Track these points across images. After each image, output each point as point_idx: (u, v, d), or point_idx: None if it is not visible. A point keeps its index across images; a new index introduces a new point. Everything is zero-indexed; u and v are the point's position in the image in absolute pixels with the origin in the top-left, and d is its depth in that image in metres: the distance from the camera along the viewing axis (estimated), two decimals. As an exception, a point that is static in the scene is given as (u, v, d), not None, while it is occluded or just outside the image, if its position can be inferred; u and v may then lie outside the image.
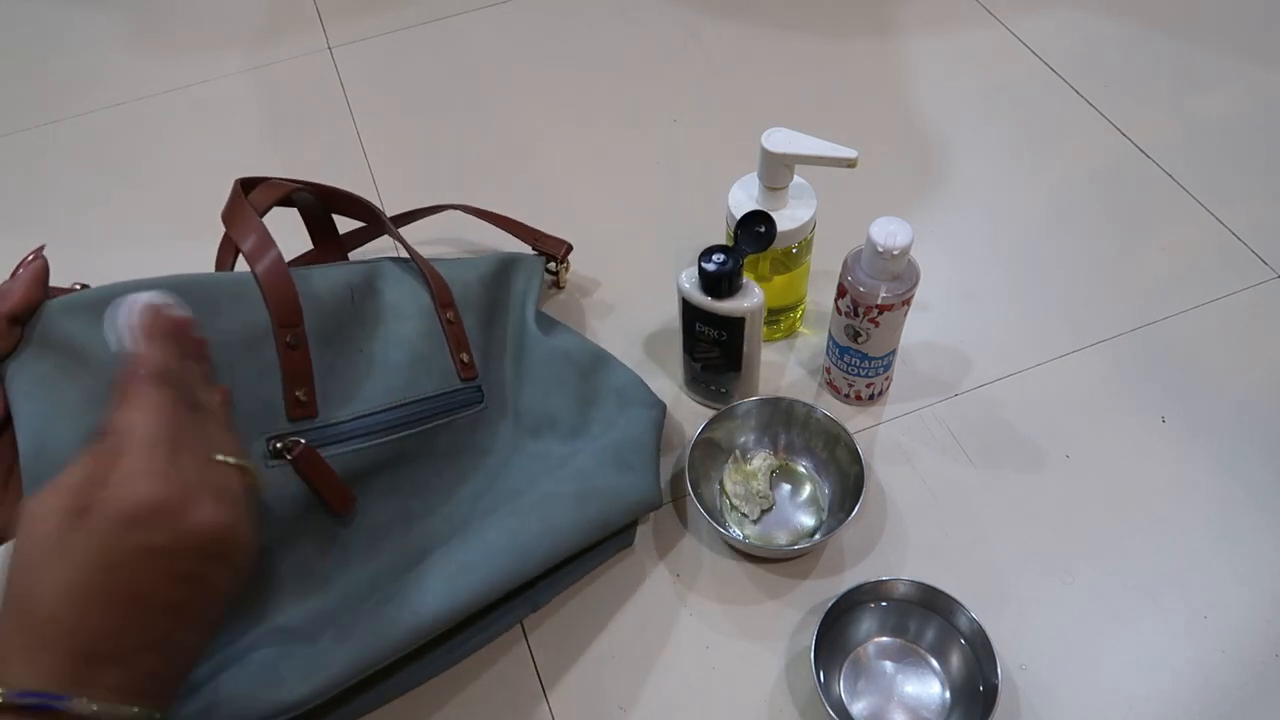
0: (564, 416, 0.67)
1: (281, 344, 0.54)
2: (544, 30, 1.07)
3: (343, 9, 1.11)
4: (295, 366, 0.55)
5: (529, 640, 0.63)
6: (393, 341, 0.61)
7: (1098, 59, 0.99)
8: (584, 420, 0.67)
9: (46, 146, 0.99)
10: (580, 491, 0.61)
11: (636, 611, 0.64)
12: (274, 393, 0.54)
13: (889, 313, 0.64)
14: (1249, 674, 0.59)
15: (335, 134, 0.97)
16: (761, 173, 0.67)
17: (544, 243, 0.78)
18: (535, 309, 0.72)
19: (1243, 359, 0.75)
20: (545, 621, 0.63)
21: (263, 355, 0.54)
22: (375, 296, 0.62)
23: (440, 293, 0.64)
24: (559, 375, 0.68)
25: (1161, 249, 0.82)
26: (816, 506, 0.68)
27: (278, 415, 0.54)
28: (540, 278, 0.75)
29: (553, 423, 0.67)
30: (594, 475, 0.62)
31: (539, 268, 0.75)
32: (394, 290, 0.63)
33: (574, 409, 0.67)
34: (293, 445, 0.53)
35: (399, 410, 0.59)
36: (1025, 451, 0.70)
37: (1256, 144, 0.90)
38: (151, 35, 1.11)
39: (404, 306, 0.62)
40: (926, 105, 0.96)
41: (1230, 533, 0.65)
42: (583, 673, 0.61)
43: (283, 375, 0.54)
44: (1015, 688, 0.59)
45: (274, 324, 0.54)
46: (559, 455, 0.65)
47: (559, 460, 0.64)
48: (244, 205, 0.59)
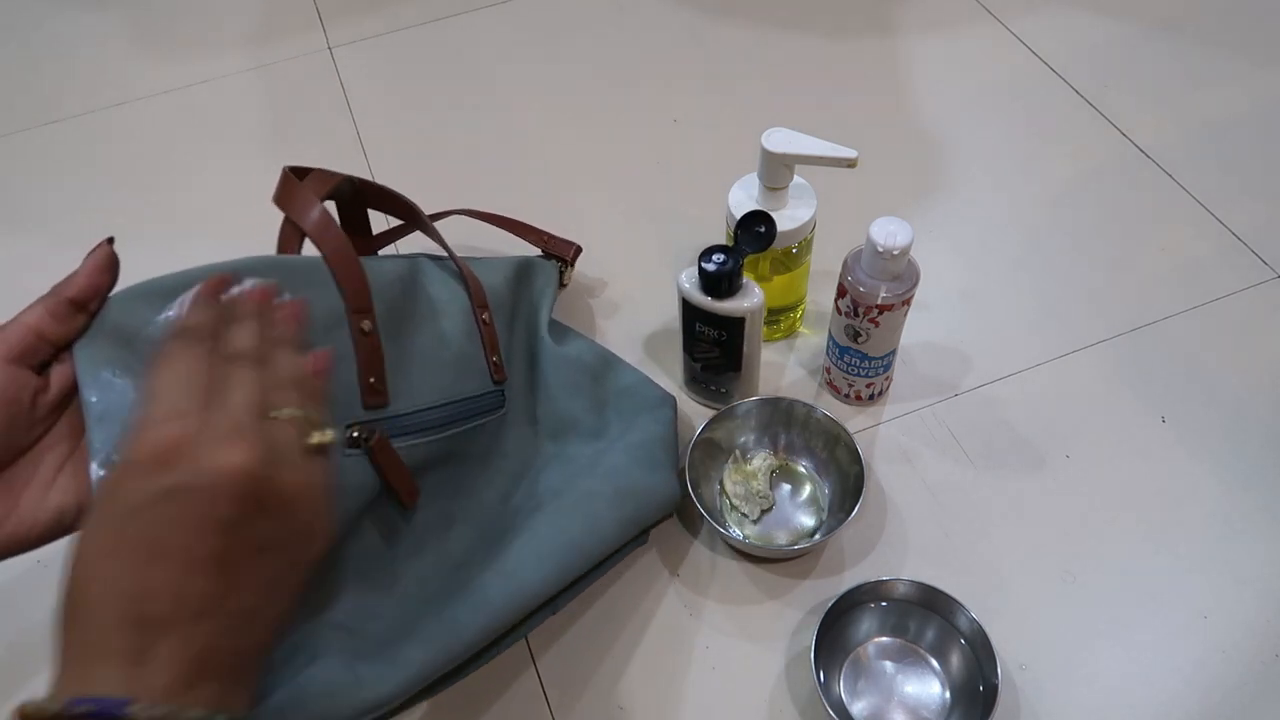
0: (583, 419, 0.67)
1: (356, 329, 0.53)
2: (544, 30, 1.07)
3: (343, 9, 1.11)
4: (370, 353, 0.53)
5: (529, 640, 0.63)
6: (439, 338, 0.60)
7: (1098, 59, 0.99)
8: (602, 421, 0.68)
9: (46, 146, 0.99)
10: (616, 490, 0.61)
11: (636, 611, 0.64)
12: (350, 379, 0.52)
13: (889, 313, 0.64)
14: (1249, 674, 0.59)
15: (335, 134, 0.96)
16: (761, 173, 0.67)
17: (554, 245, 0.78)
18: (549, 315, 0.72)
19: (1243, 359, 0.74)
20: (545, 621, 0.63)
21: (339, 340, 0.52)
22: (419, 291, 0.60)
23: (476, 293, 0.64)
24: (574, 379, 0.68)
25: (1161, 249, 0.82)
26: (816, 506, 0.68)
27: (354, 403, 0.53)
28: (555, 284, 0.75)
29: (574, 425, 0.67)
30: (628, 474, 0.63)
31: (554, 274, 0.75)
32: (435, 287, 0.62)
33: (591, 411, 0.68)
34: (370, 434, 0.52)
35: (446, 409, 0.58)
36: (1025, 451, 0.70)
37: (1256, 144, 0.90)
38: (151, 35, 1.11)
39: (447, 304, 0.61)
40: (926, 105, 0.96)
41: (1230, 533, 0.65)
42: (582, 672, 0.61)
43: (358, 361, 0.53)
44: (1015, 688, 0.59)
45: (348, 309, 0.53)
46: (586, 455, 0.65)
47: (589, 460, 0.65)
48: (299, 186, 0.56)
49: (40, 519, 0.43)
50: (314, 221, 0.54)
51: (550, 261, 0.76)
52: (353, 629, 0.52)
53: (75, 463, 0.44)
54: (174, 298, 0.46)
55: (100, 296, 0.45)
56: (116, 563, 0.36)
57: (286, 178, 0.56)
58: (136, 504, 0.36)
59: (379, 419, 0.53)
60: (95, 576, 0.35)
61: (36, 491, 0.43)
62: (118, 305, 0.46)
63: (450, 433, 0.58)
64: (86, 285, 0.44)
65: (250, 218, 0.90)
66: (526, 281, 0.72)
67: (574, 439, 0.67)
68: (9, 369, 0.42)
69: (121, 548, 0.36)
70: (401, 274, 0.59)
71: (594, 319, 0.80)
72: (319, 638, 0.50)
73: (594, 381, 0.69)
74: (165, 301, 0.46)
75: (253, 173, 0.95)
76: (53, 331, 0.43)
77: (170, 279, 0.47)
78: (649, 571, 0.65)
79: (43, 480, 0.43)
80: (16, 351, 0.42)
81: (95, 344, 0.45)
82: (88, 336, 0.45)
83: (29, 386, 0.43)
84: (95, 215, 0.91)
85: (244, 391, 0.40)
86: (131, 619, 0.35)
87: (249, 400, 0.40)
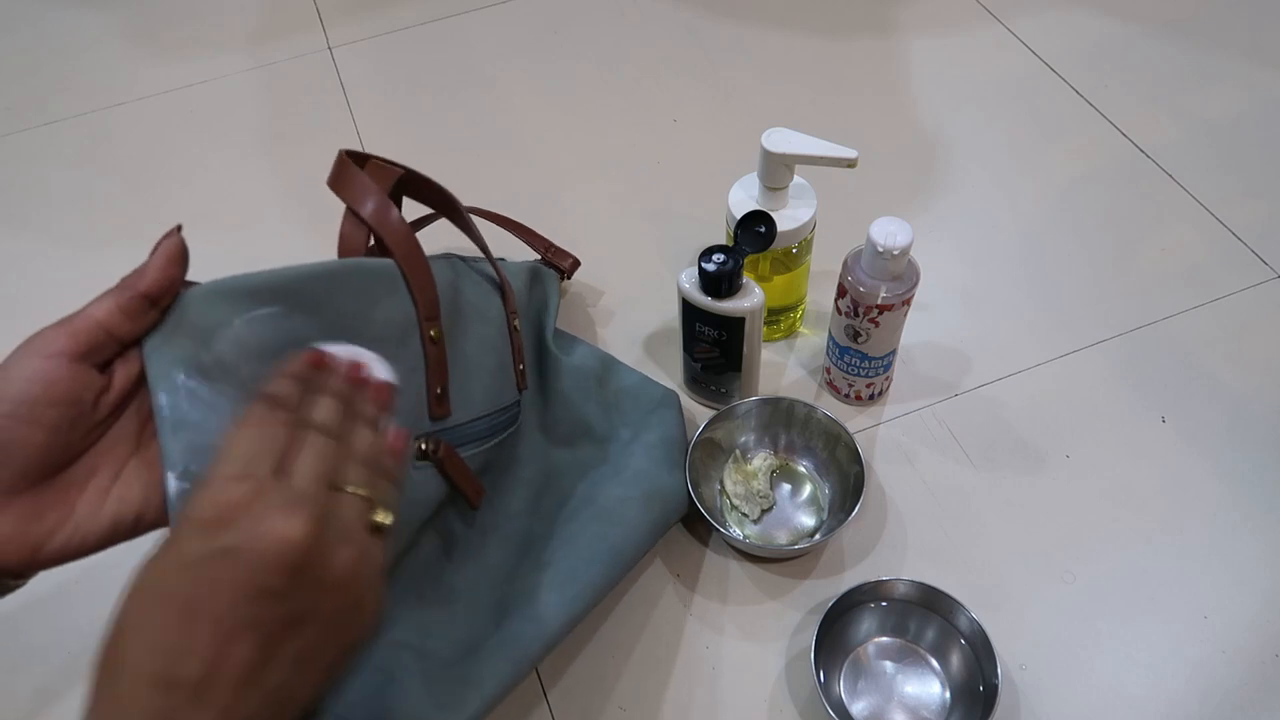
0: (592, 423, 0.67)
1: (426, 338, 0.51)
2: (544, 30, 1.07)
3: (343, 9, 1.11)
4: (438, 362, 0.51)
5: (529, 640, 0.63)
6: (486, 345, 0.58)
7: (1098, 59, 0.99)
8: (609, 424, 0.68)
9: (46, 146, 0.99)
10: (645, 494, 0.62)
11: (637, 611, 0.64)
12: (420, 389, 0.51)
13: (889, 313, 0.64)
14: (1249, 674, 0.59)
15: (335, 134, 0.96)
16: (761, 173, 0.67)
17: (554, 255, 0.78)
18: (554, 323, 0.71)
19: (1243, 359, 0.74)
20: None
21: (412, 348, 0.50)
22: (461, 295, 0.58)
23: (510, 298, 0.62)
24: (581, 385, 0.68)
25: (1161, 249, 0.82)
26: (816, 506, 0.68)
27: (424, 415, 0.51)
28: (558, 293, 0.74)
29: (584, 430, 0.67)
30: (653, 476, 0.63)
31: (557, 283, 0.75)
32: (472, 290, 0.59)
33: (599, 415, 0.68)
34: (436, 445, 0.50)
35: (491, 418, 0.57)
36: (1025, 451, 0.70)
37: (1256, 144, 0.90)
38: (151, 35, 1.11)
39: (486, 309, 0.60)
40: (926, 105, 0.96)
41: (1230, 532, 0.65)
42: (583, 672, 0.61)
43: (426, 371, 0.51)
44: (1015, 688, 0.59)
45: (420, 316, 0.50)
46: (601, 459, 0.66)
47: (609, 465, 0.65)
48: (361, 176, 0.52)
49: (95, 529, 0.41)
50: (391, 224, 0.51)
51: (552, 271, 0.76)
52: (419, 648, 0.51)
53: (134, 468, 0.42)
54: (254, 298, 0.44)
55: (173, 291, 0.42)
56: (157, 617, 0.34)
57: (341, 160, 0.53)
58: (187, 561, 0.35)
59: (442, 429, 0.52)
60: (133, 627, 0.34)
61: (93, 497, 0.41)
62: (194, 303, 0.43)
63: (494, 442, 0.57)
64: (160, 279, 0.42)
65: (250, 217, 0.91)
66: (536, 288, 0.72)
67: (585, 444, 0.67)
68: (74, 367, 0.39)
69: (164, 603, 0.34)
70: (448, 276, 0.56)
71: (594, 319, 0.80)
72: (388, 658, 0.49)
73: (598, 386, 0.69)
74: (244, 301, 0.44)
75: (253, 173, 0.95)
76: (122, 328, 0.41)
77: (251, 279, 0.44)
78: (650, 572, 0.65)
79: (99, 486, 0.41)
80: (84, 349, 0.40)
81: (169, 343, 0.42)
82: (160, 334, 0.42)
83: (93, 386, 0.40)
84: (95, 215, 0.91)
85: (316, 462, 0.39)
86: (164, 679, 0.33)
87: (318, 471, 0.39)
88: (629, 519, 0.60)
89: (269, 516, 0.36)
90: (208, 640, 0.34)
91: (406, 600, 0.52)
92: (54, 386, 0.39)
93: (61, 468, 0.40)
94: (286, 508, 0.36)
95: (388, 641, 0.50)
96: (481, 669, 0.51)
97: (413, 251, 0.51)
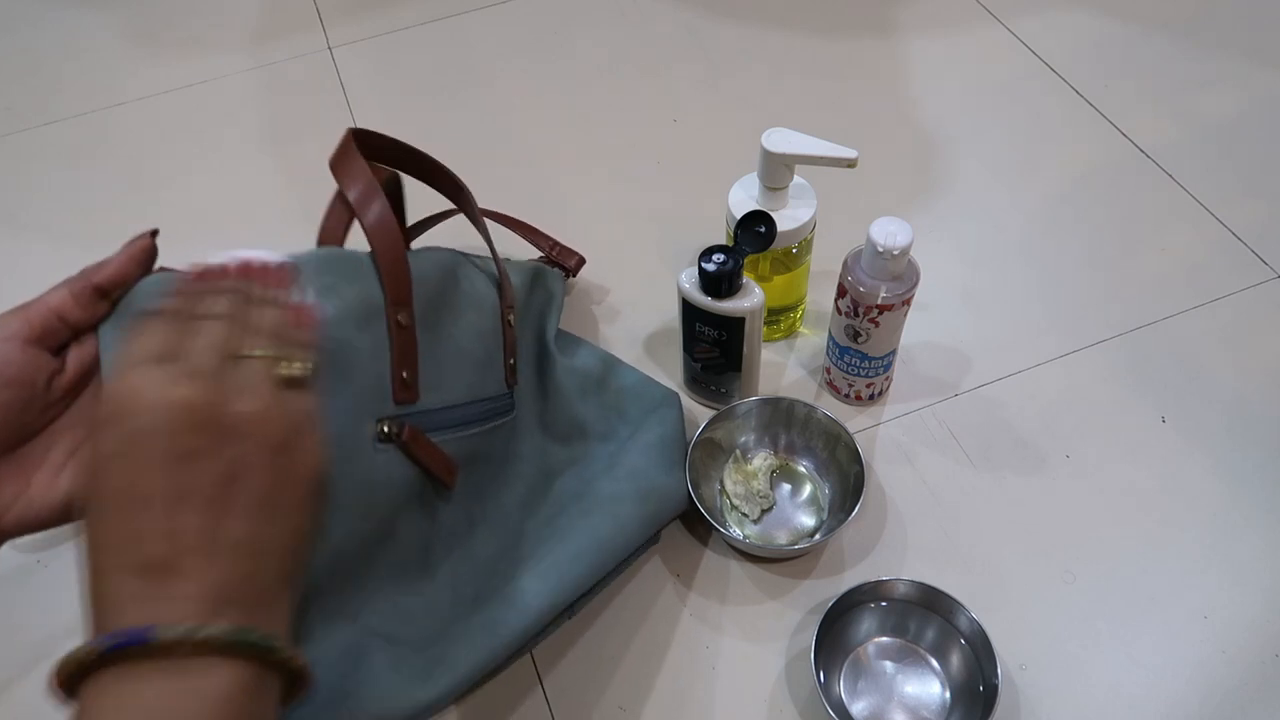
0: (593, 422, 0.68)
1: (392, 321, 0.52)
2: (544, 30, 1.07)
3: (343, 9, 1.11)
4: (404, 347, 0.52)
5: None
6: (473, 334, 0.59)
7: (1098, 59, 0.99)
8: (609, 424, 0.68)
9: (46, 146, 0.99)
10: (638, 490, 0.62)
11: (636, 611, 0.64)
12: (383, 372, 0.51)
13: (889, 313, 0.64)
14: (1249, 674, 0.59)
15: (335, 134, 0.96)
16: (761, 173, 0.67)
17: (559, 253, 0.78)
18: (557, 323, 0.71)
19: (1243, 359, 0.74)
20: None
21: (376, 332, 0.51)
22: (456, 285, 0.59)
23: (507, 293, 0.63)
24: (580, 384, 0.68)
25: (1161, 249, 0.82)
26: (816, 506, 0.68)
27: (385, 398, 0.52)
28: (562, 293, 0.74)
29: (584, 429, 0.67)
30: (648, 474, 0.63)
31: (561, 282, 0.75)
32: (470, 282, 0.60)
33: (599, 414, 0.68)
34: (400, 428, 0.51)
35: (472, 407, 0.58)
36: (1025, 451, 0.70)
37: (1256, 144, 0.90)
38: (152, 35, 1.11)
39: (481, 301, 0.60)
40: (927, 105, 0.96)
41: (1230, 532, 0.65)
42: (582, 672, 0.61)
43: (391, 355, 0.52)
44: (1015, 688, 0.59)
45: (387, 300, 0.52)
46: (599, 458, 0.66)
47: (605, 463, 0.65)
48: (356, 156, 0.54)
49: (50, 502, 0.43)
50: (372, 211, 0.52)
51: (556, 271, 0.76)
52: (392, 635, 0.51)
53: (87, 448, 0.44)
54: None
55: (127, 286, 0.45)
56: (104, 519, 0.36)
57: (346, 144, 0.54)
58: (107, 456, 0.36)
59: (408, 414, 0.53)
60: (94, 543, 0.36)
61: (47, 474, 0.43)
62: (145, 291, 0.45)
63: (474, 432, 0.58)
64: (116, 274, 0.44)
65: (250, 217, 0.90)
66: (537, 288, 0.72)
67: (584, 443, 0.67)
68: (28, 350, 0.42)
69: (104, 504, 0.36)
70: (444, 265, 0.58)
71: (594, 319, 0.80)
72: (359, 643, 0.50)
73: (599, 385, 0.69)
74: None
75: (253, 173, 0.95)
76: (74, 315, 0.43)
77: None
78: (649, 571, 0.65)
79: (54, 463, 0.43)
80: (38, 333, 0.42)
81: (122, 326, 0.44)
82: (114, 318, 0.45)
83: (46, 369, 0.43)
84: (94, 215, 0.91)
85: (208, 341, 0.40)
86: (134, 567, 0.35)
87: (210, 345, 0.40)
88: (619, 514, 0.61)
89: (157, 389, 0.37)
90: (155, 518, 0.36)
91: (385, 588, 0.52)
92: (7, 368, 0.41)
93: (17, 444, 0.43)
94: (173, 378, 0.38)
95: (363, 627, 0.51)
96: (455, 650, 0.52)
97: (387, 236, 0.52)
